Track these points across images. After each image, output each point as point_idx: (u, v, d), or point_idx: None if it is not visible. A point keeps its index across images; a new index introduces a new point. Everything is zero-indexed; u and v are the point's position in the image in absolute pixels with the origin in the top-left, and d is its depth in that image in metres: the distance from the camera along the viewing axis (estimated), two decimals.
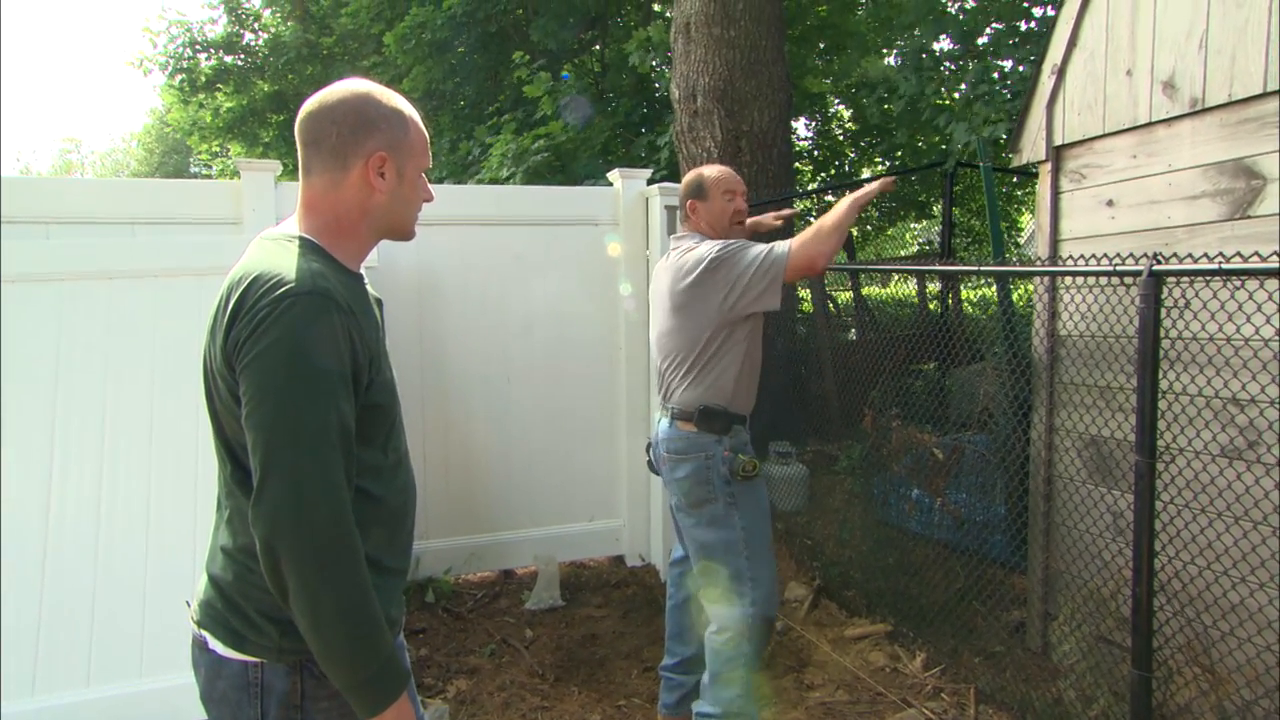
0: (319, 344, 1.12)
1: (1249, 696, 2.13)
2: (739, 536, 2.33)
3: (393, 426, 1.31)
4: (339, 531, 1.11)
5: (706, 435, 2.35)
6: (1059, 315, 2.98)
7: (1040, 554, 3.02)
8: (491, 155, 8.11)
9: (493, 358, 3.92)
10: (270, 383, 1.10)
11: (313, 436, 1.10)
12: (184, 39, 13.35)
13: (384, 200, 1.27)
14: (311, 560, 1.09)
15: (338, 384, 1.13)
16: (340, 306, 1.15)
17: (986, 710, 2.77)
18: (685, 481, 2.39)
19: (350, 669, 1.12)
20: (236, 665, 1.20)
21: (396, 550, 1.33)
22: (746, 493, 2.35)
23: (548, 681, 3.10)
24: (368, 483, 1.24)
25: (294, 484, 1.09)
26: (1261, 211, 2.35)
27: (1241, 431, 2.32)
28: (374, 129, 1.24)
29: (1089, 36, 2.89)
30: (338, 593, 1.10)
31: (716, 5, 5.49)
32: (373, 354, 1.21)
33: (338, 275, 1.22)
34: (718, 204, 2.50)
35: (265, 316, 1.10)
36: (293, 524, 1.08)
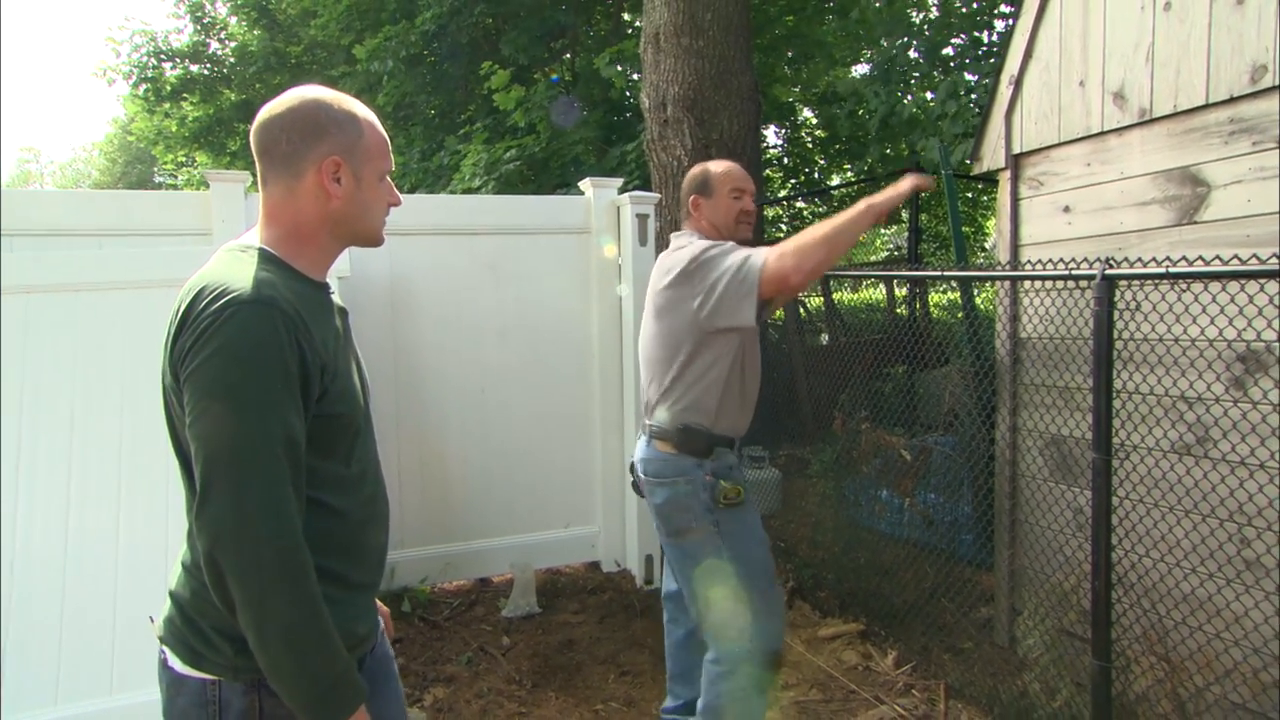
0: (261, 353, 1.10)
1: (1201, 683, 2.21)
2: (729, 567, 2.12)
3: (356, 437, 1.27)
4: (282, 544, 1.08)
5: (686, 458, 2.15)
6: (1020, 319, 3.06)
7: (1006, 551, 3.09)
8: (463, 165, 8.12)
9: (467, 367, 3.93)
10: (211, 392, 1.08)
11: (254, 447, 1.08)
12: (148, 48, 13.19)
13: (342, 206, 1.25)
14: (254, 574, 1.07)
15: (282, 394, 1.10)
16: (286, 315, 1.12)
17: (956, 705, 2.83)
18: (664, 508, 2.19)
19: (297, 686, 1.10)
20: (195, 683, 1.18)
21: (364, 564, 1.29)
22: (732, 520, 2.14)
23: (525, 688, 3.12)
24: (327, 495, 1.21)
25: (235, 496, 1.07)
26: (1207, 217, 2.44)
27: (1190, 428, 2.41)
28: (324, 134, 1.23)
29: (1044, 48, 2.99)
30: (282, 608, 1.08)
31: (685, 16, 5.56)
32: (325, 363, 1.18)
33: (293, 284, 1.20)
34: (723, 202, 2.28)
35: (208, 326, 1.09)
36: (234, 537, 1.06)
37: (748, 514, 2.19)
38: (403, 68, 9.63)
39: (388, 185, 1.32)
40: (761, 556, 2.20)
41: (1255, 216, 2.30)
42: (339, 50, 11.15)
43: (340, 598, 1.21)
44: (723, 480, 2.14)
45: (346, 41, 10.64)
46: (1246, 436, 2.23)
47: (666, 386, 2.17)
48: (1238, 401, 2.26)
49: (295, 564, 1.09)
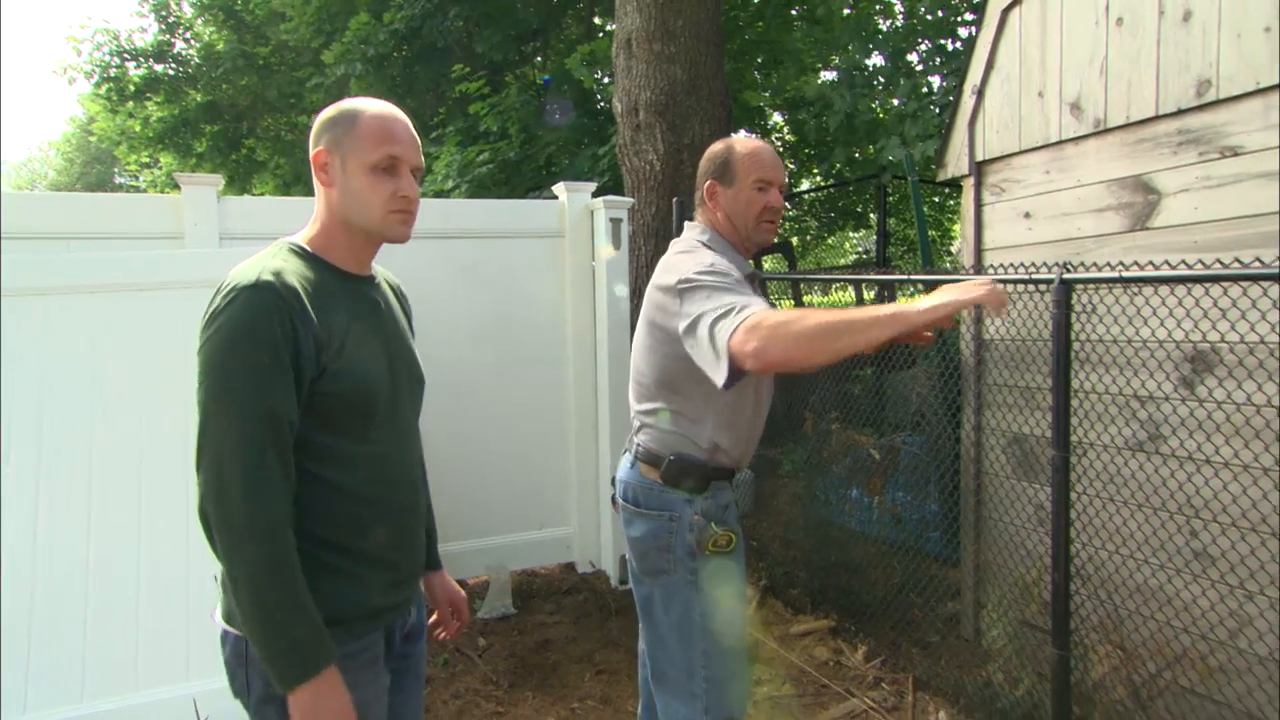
0: (251, 332, 1.20)
1: (1153, 669, 2.31)
2: (696, 623, 1.79)
3: (372, 418, 1.33)
4: (252, 506, 1.18)
5: (674, 492, 1.80)
6: (984, 321, 3.16)
7: (971, 547, 3.19)
8: (436, 167, 8.11)
9: (442, 369, 3.92)
10: (207, 367, 1.21)
11: (237, 417, 1.19)
12: (111, 47, 12.96)
13: (337, 196, 1.33)
14: (227, 531, 1.18)
15: (270, 370, 1.20)
16: (281, 297, 1.22)
17: (923, 697, 2.91)
18: (641, 544, 1.85)
19: (260, 639, 1.19)
20: (232, 637, 1.29)
21: (379, 541, 1.36)
22: (716, 572, 1.79)
23: (501, 688, 3.14)
24: (332, 471, 1.29)
25: (216, 459, 1.19)
26: (1159, 224, 2.56)
27: (1143, 425, 2.51)
28: (323, 132, 1.34)
29: (1004, 60, 3.09)
30: (248, 563, 1.18)
31: (657, 22, 5.63)
32: (325, 342, 1.26)
33: (312, 273, 1.30)
34: (744, 193, 1.87)
35: (215, 310, 1.23)
36: (215, 496, 1.18)
37: (733, 566, 1.83)
38: (371, 69, 9.57)
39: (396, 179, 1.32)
40: (736, 616, 1.86)
41: (1202, 224, 2.42)
42: (307, 52, 11.06)
43: (347, 569, 1.31)
44: (714, 524, 1.78)
45: (316, 44, 10.56)
46: (1194, 433, 2.33)
47: (657, 405, 1.83)
48: (1186, 399, 2.37)
49: (265, 524, 1.18)
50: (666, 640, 1.85)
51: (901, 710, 2.86)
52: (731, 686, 1.85)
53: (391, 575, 1.40)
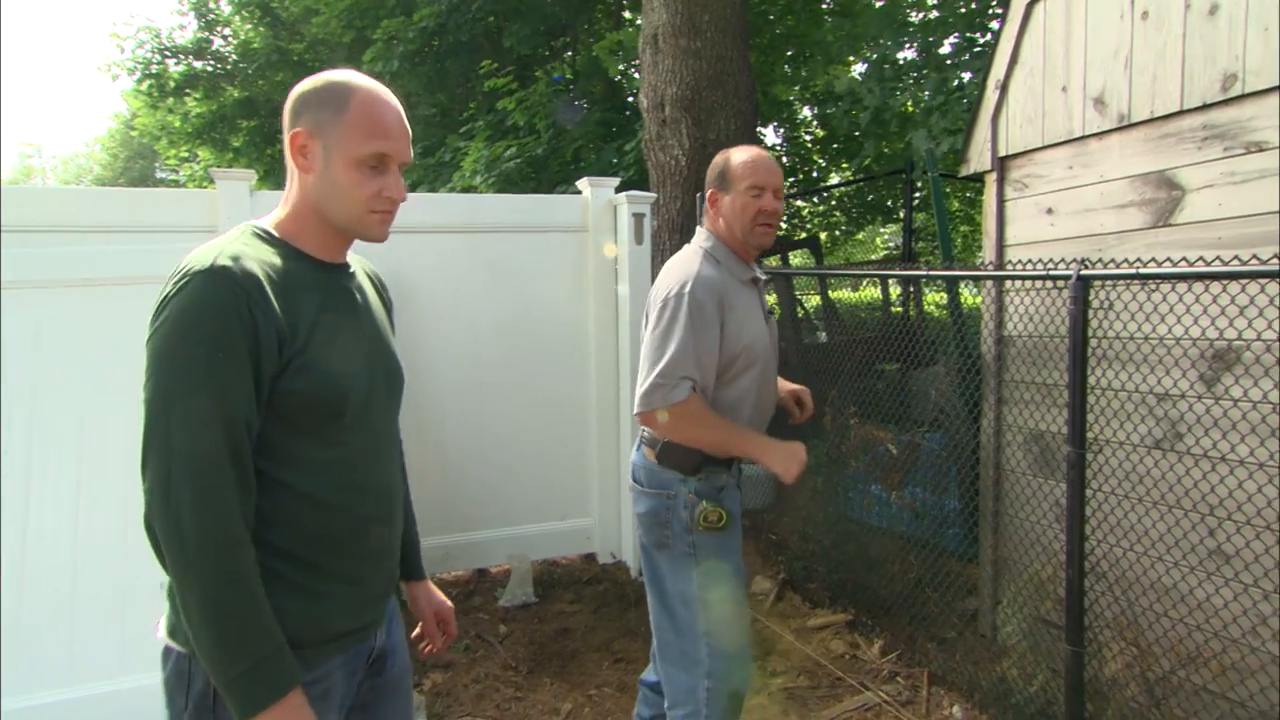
0: (203, 321, 1.07)
1: (1167, 667, 2.30)
2: (694, 594, 1.95)
3: (339, 419, 1.21)
4: (206, 515, 1.05)
5: (670, 472, 1.96)
6: (1005, 318, 3.15)
7: (990, 544, 3.18)
8: (464, 162, 8.21)
9: (465, 362, 4.02)
10: (154, 361, 1.08)
11: (187, 413, 1.06)
12: (152, 44, 13.28)
13: (315, 182, 1.20)
14: (177, 544, 1.05)
15: (223, 362, 1.07)
16: (238, 283, 1.09)
17: (938, 691, 2.92)
18: (645, 519, 2.03)
19: (215, 663, 1.06)
20: (172, 652, 1.17)
21: (346, 555, 1.23)
22: (711, 545, 1.95)
23: (521, 674, 3.21)
24: (295, 476, 1.17)
25: (163, 463, 1.06)
26: (1182, 220, 2.53)
27: (1161, 423, 2.49)
28: (303, 109, 1.19)
29: (1028, 54, 3.07)
30: (201, 579, 1.05)
31: (683, 17, 5.64)
32: (287, 336, 1.13)
33: (277, 258, 1.17)
34: (740, 199, 2.00)
35: (166, 296, 1.10)
36: (162, 505, 1.06)
37: (728, 541, 2.00)
38: (406, 66, 9.71)
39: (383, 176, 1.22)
40: (733, 589, 1.99)
41: (1226, 220, 2.39)
42: (340, 47, 11.23)
43: (311, 588, 1.18)
44: (705, 501, 1.94)
45: (348, 39, 10.72)
46: (1211, 430, 2.31)
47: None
48: (1202, 397, 2.35)
49: (219, 537, 1.06)
50: (670, 610, 2.00)
51: (916, 704, 2.87)
52: (734, 657, 1.98)
53: (358, 593, 1.26)
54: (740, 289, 2.02)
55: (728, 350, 1.94)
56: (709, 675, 1.93)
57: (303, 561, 1.17)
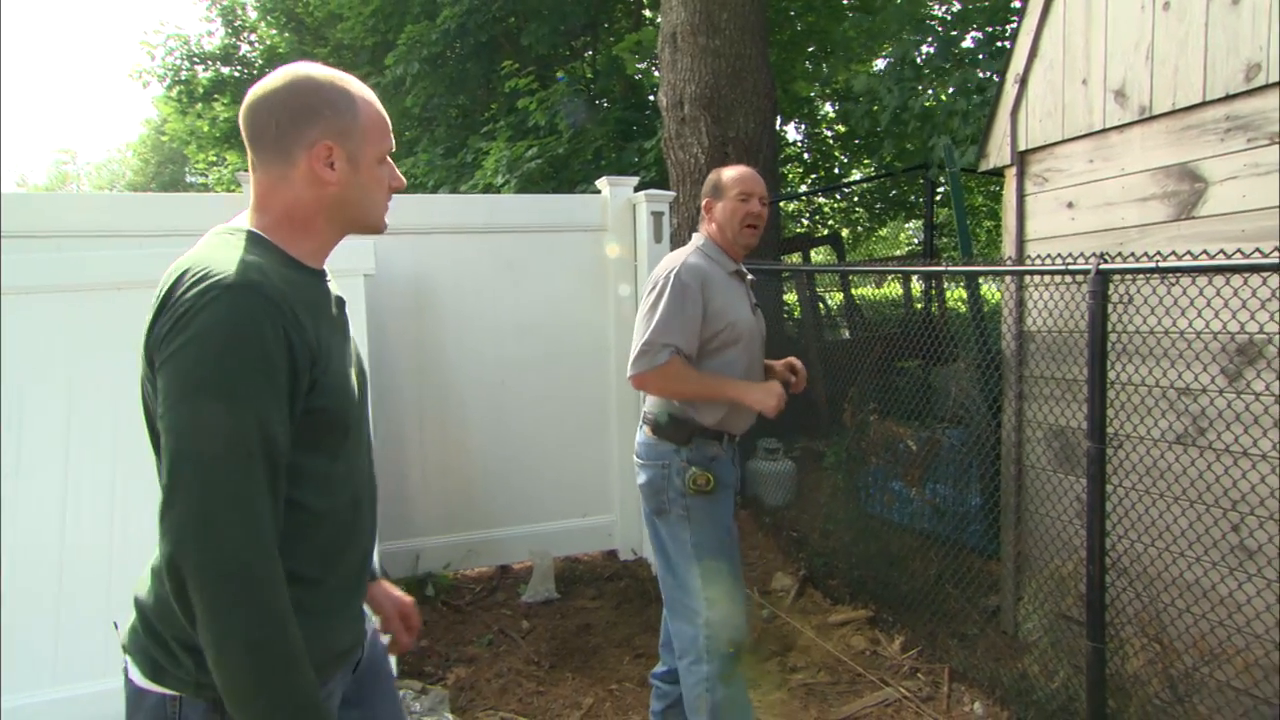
0: (241, 341, 1.00)
1: (1190, 663, 2.28)
2: (690, 552, 2.21)
3: (346, 433, 1.18)
4: (252, 553, 0.98)
5: (666, 444, 2.24)
6: (1025, 313, 3.13)
7: (1012, 540, 3.17)
8: (485, 163, 8.27)
9: (487, 361, 4.07)
10: (185, 382, 0.99)
11: (226, 445, 0.98)
12: (182, 51, 13.53)
13: (338, 192, 1.16)
14: (218, 584, 0.97)
15: (262, 386, 1.01)
16: (272, 300, 1.03)
17: (959, 687, 2.91)
18: (646, 488, 2.30)
19: (254, 712, 0.99)
20: (154, 698, 1.09)
21: (343, 572, 1.20)
22: (702, 508, 2.21)
23: (543, 668, 3.25)
24: (308, 494, 1.11)
25: (201, 496, 0.97)
26: (1204, 213, 2.50)
27: (1183, 418, 2.47)
28: (316, 116, 1.13)
29: (1048, 47, 3.05)
30: (245, 624, 0.98)
31: (702, 15, 5.65)
32: (316, 354, 1.09)
33: (285, 271, 1.12)
34: (730, 204, 2.31)
35: (187, 310, 1.00)
36: (198, 542, 0.97)
37: (717, 505, 2.25)
38: (427, 69, 9.81)
39: (389, 167, 1.23)
40: (724, 548, 2.25)
41: (1250, 212, 2.36)
42: (364, 51, 11.37)
43: (316, 608, 1.13)
44: (695, 467, 2.20)
45: (371, 44, 10.84)
46: (1234, 425, 2.29)
47: None
48: (1224, 391, 2.32)
49: (263, 576, 0.99)
50: (673, 568, 2.27)
51: (936, 700, 2.87)
52: (728, 609, 2.22)
53: (354, 604, 1.25)
54: (726, 278, 2.30)
55: (710, 325, 2.20)
56: (706, 625, 2.19)
57: (307, 580, 1.11)
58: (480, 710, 2.93)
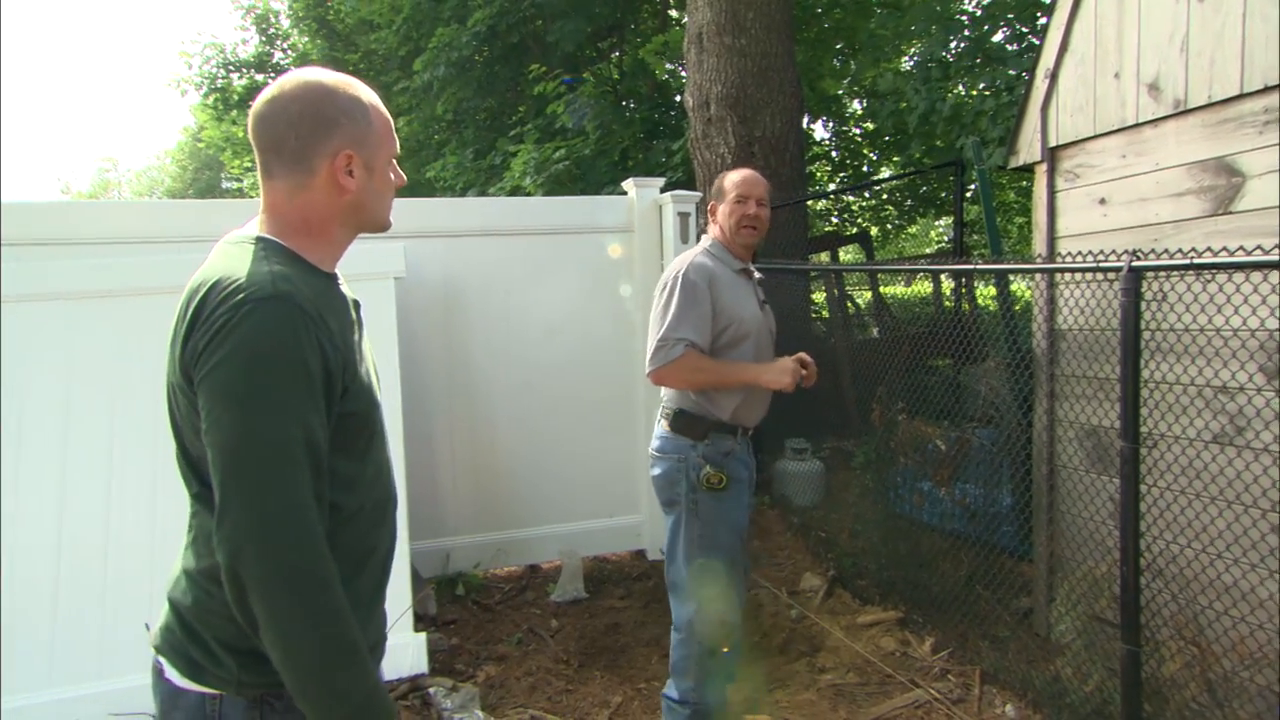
0: (280, 352, 1.03)
1: (1229, 667, 2.23)
2: (694, 542, 2.34)
3: (373, 435, 1.22)
4: (308, 555, 1.02)
5: (682, 439, 2.35)
6: (1057, 311, 3.09)
7: (1045, 542, 3.12)
8: (513, 165, 8.34)
9: (515, 362, 4.11)
10: (229, 395, 1.02)
11: (275, 455, 1.01)
12: (217, 60, 13.83)
13: (355, 198, 1.19)
14: (278, 589, 1.00)
15: (303, 394, 1.04)
16: (305, 311, 1.06)
17: (990, 690, 2.88)
18: (658, 480, 2.42)
19: (325, 706, 1.03)
20: (194, 697, 1.11)
21: (375, 564, 1.24)
22: (709, 503, 2.32)
23: (572, 667, 3.27)
24: (340, 495, 1.14)
25: (256, 505, 1.01)
26: (1242, 207, 2.45)
27: (1220, 417, 2.42)
28: (334, 126, 1.16)
29: (1079, 41, 3.00)
30: (310, 622, 1.01)
31: (727, 15, 5.65)
32: (345, 359, 1.12)
33: (306, 277, 1.14)
34: (727, 205, 2.45)
35: (224, 324, 1.02)
36: (256, 549, 1.00)
37: (727, 502, 2.34)
38: (454, 72, 9.90)
39: (393, 167, 1.26)
40: (728, 542, 2.37)
41: None
42: (394, 58, 11.52)
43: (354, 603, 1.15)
44: (709, 465, 2.31)
45: (404, 52, 10.98)
46: (1273, 424, 2.24)
47: None
48: (1262, 389, 2.27)
49: (320, 577, 1.03)
50: (676, 556, 2.40)
51: (967, 702, 2.84)
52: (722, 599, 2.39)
53: (381, 603, 1.28)
54: (733, 277, 2.41)
55: (719, 321, 2.32)
56: (698, 608, 2.36)
57: (348, 579, 1.13)
58: (510, 708, 2.96)
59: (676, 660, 2.48)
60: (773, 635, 3.47)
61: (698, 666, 2.40)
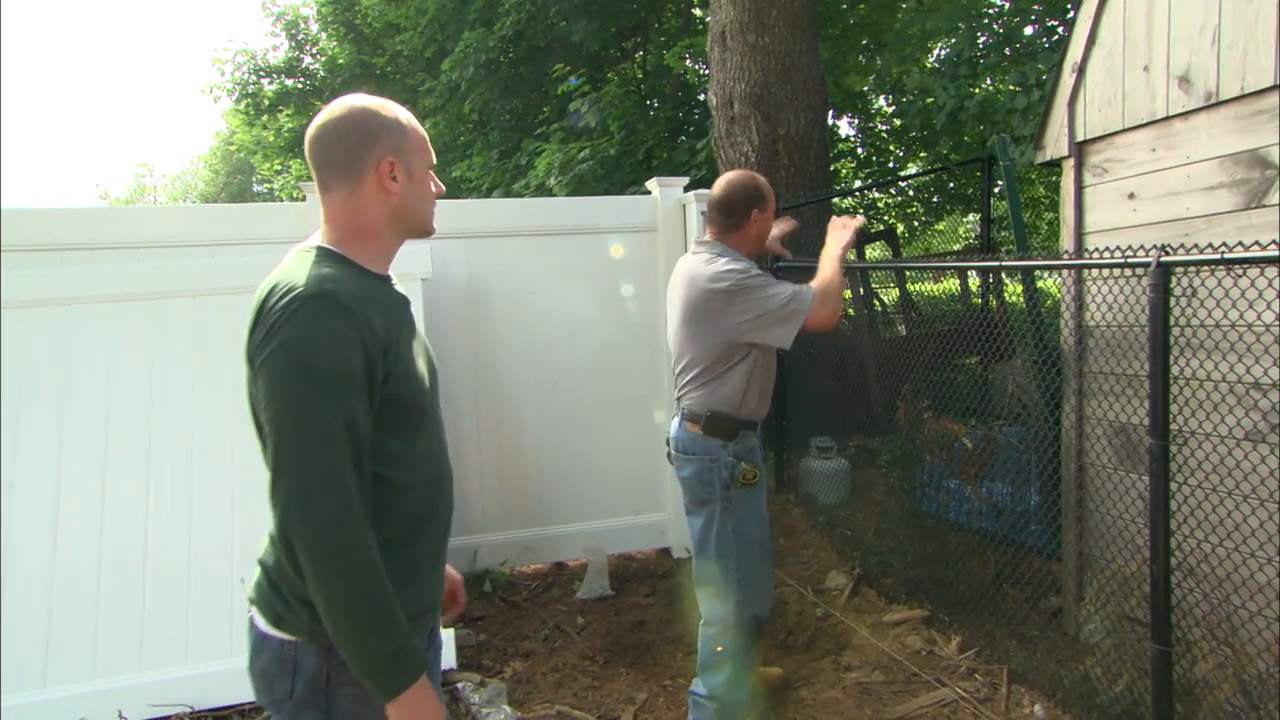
0: (324, 343, 1.18)
1: (1264, 668, 2.20)
2: (730, 538, 2.41)
3: (422, 416, 1.36)
4: (343, 521, 1.17)
5: (712, 439, 2.42)
6: (1086, 307, 3.05)
7: (1074, 540, 3.09)
8: (538, 164, 8.40)
9: (540, 361, 4.14)
10: (279, 381, 1.18)
11: (318, 431, 1.16)
12: (249, 66, 14.06)
13: (401, 201, 1.34)
14: (319, 548, 1.16)
15: (344, 380, 1.18)
16: (347, 307, 1.20)
17: (1018, 689, 2.86)
18: (690, 480, 2.48)
19: (361, 653, 1.18)
20: (275, 642, 1.29)
21: (428, 534, 1.38)
22: (743, 499, 2.42)
23: (598, 664, 3.30)
24: (393, 470, 1.29)
25: (300, 476, 1.16)
26: (1276, 201, 2.41)
27: (1252, 413, 2.38)
28: (376, 138, 1.33)
29: (1107, 34, 2.97)
30: (345, 579, 1.16)
31: (751, 13, 5.64)
32: (387, 348, 1.26)
33: (356, 279, 1.29)
34: (768, 224, 2.55)
35: (277, 320, 1.19)
36: (300, 514, 1.16)
37: (756, 496, 2.45)
38: (481, 73, 9.99)
39: (431, 176, 1.42)
40: (759, 535, 2.47)
41: None
42: (419, 60, 11.64)
43: (402, 568, 1.29)
44: (743, 462, 2.41)
45: (430, 54, 11.09)
46: None
47: (700, 380, 2.45)
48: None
49: (356, 538, 1.17)
50: (709, 555, 2.45)
51: (995, 702, 2.82)
52: (758, 591, 2.48)
53: (436, 568, 1.44)
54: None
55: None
56: (738, 603, 2.42)
57: (395, 544, 1.29)
58: (537, 703, 2.99)
59: (706, 656, 2.50)
60: (798, 633, 3.47)
61: (732, 661, 2.43)
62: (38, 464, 2.94)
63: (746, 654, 2.48)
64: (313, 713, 1.27)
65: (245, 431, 3.07)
